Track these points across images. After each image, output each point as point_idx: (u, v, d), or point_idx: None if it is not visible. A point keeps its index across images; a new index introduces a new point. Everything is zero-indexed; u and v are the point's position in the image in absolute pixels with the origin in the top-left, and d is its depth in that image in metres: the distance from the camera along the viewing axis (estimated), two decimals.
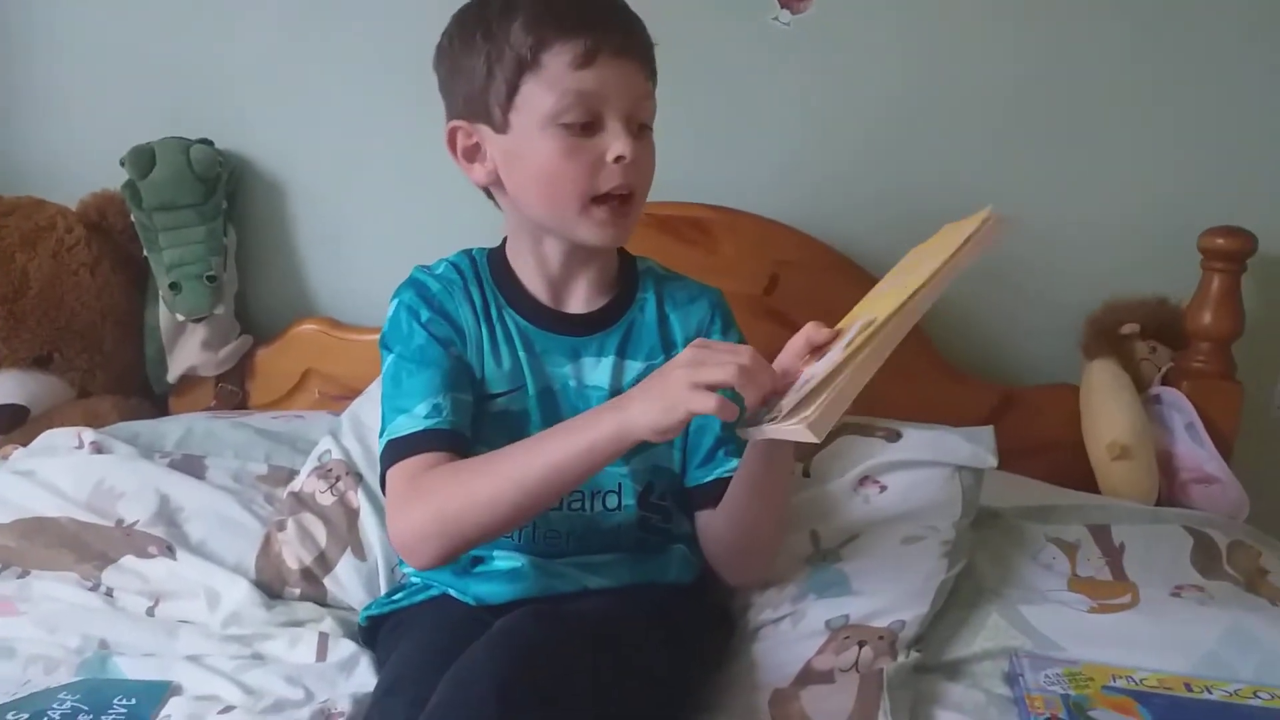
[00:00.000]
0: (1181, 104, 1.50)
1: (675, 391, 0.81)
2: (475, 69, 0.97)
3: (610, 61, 0.94)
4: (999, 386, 1.54)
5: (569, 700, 0.79)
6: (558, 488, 0.88)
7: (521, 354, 1.04)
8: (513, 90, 0.95)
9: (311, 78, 1.62)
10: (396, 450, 0.95)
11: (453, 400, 0.97)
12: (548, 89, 0.94)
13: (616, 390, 1.04)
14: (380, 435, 0.98)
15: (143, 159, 1.55)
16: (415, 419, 0.95)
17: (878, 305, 0.85)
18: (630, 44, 0.96)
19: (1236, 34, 1.47)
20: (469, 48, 0.97)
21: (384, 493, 0.97)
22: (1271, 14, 1.46)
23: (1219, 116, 1.50)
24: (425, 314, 1.02)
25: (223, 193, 1.59)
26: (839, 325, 0.89)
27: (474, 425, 1.00)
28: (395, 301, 1.05)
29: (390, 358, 1.01)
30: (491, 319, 1.04)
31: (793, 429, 0.77)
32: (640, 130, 0.98)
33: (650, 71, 0.99)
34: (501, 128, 0.97)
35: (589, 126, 0.95)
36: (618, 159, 0.95)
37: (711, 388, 0.80)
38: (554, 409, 1.03)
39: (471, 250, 1.10)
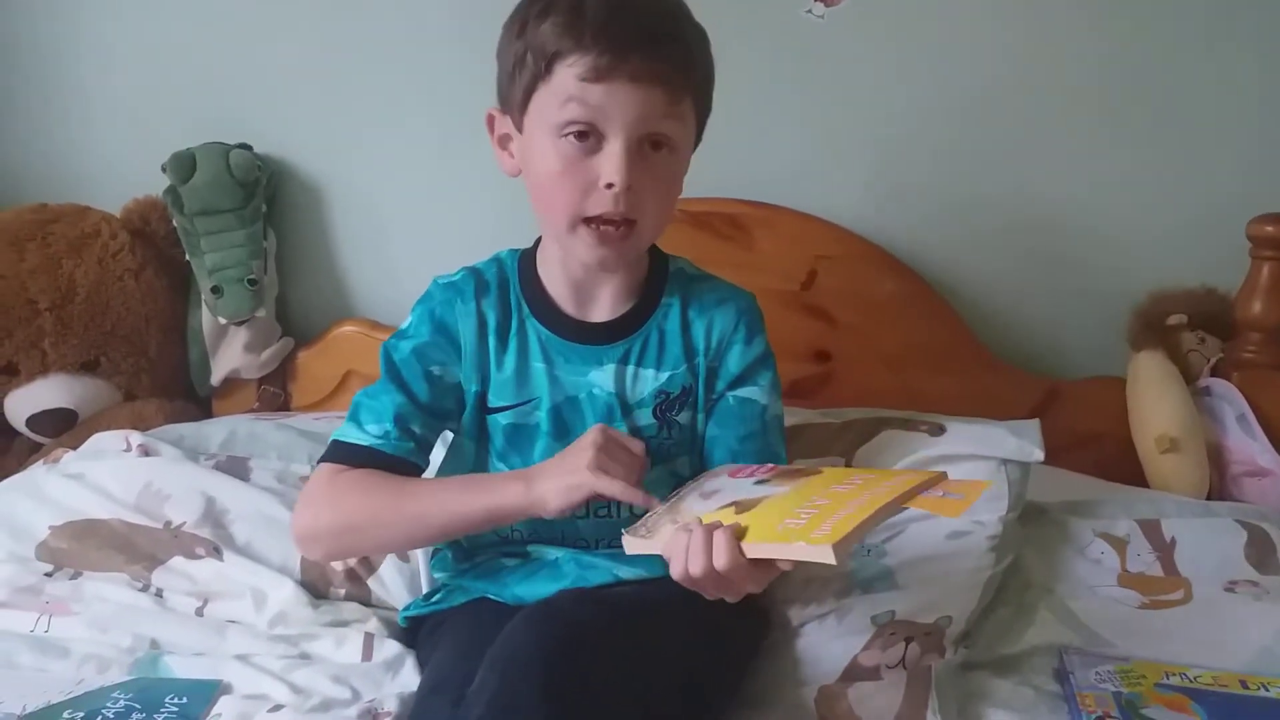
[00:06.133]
0: (1227, 92, 1.47)
1: (582, 474, 0.86)
2: (507, 62, 0.96)
3: (624, 84, 0.89)
4: (1045, 380, 1.52)
5: (613, 680, 0.80)
6: (456, 533, 0.97)
7: (539, 364, 1.02)
8: (527, 95, 0.94)
9: (349, 81, 1.63)
10: (335, 452, 0.99)
11: (404, 430, 0.99)
12: (554, 97, 0.91)
13: (621, 396, 1.02)
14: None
15: (183, 164, 1.57)
16: (364, 434, 0.99)
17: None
18: (654, 70, 0.90)
19: None
20: (509, 38, 0.96)
21: None
22: None
23: (1265, 104, 1.47)
24: (426, 334, 1.02)
25: (262, 196, 1.61)
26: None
27: (482, 437, 1.04)
28: (412, 313, 1.05)
29: (383, 362, 1.03)
30: (508, 331, 1.03)
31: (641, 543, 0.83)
32: (655, 149, 0.93)
33: (680, 95, 0.93)
34: (519, 126, 0.97)
35: (589, 141, 0.91)
36: (608, 185, 0.91)
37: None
38: (577, 419, 1.02)
39: (501, 254, 1.08)
